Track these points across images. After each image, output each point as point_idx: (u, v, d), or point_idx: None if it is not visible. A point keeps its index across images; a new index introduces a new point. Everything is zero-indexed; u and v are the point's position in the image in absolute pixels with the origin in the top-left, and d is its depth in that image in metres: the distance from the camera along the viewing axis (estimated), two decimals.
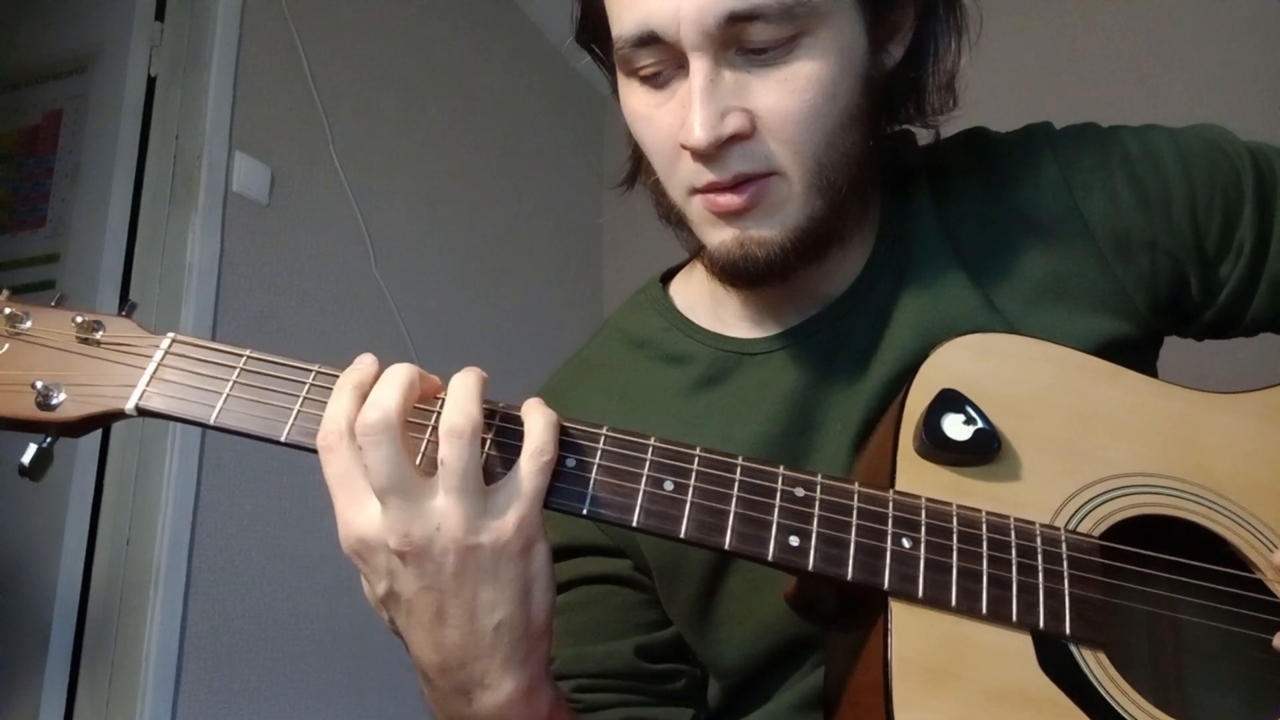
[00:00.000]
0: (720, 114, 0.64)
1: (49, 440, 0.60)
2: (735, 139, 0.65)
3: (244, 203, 2.02)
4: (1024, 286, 0.76)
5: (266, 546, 1.95)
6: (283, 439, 0.59)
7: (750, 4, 0.62)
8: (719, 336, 0.80)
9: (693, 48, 0.64)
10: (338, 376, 0.59)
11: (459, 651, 0.57)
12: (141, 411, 0.60)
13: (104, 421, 0.61)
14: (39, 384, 0.60)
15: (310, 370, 0.61)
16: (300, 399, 0.60)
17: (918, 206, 0.79)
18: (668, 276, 0.89)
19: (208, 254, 1.92)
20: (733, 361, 0.79)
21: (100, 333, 0.62)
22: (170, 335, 0.62)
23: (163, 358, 0.61)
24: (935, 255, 0.77)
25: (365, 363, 0.59)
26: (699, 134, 0.64)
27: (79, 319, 0.62)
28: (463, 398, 0.56)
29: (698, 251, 0.76)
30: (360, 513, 0.55)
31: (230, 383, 0.60)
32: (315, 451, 0.57)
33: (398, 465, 0.54)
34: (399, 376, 0.56)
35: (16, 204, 2.15)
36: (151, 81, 2.08)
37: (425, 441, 0.58)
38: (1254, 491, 0.64)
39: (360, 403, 0.56)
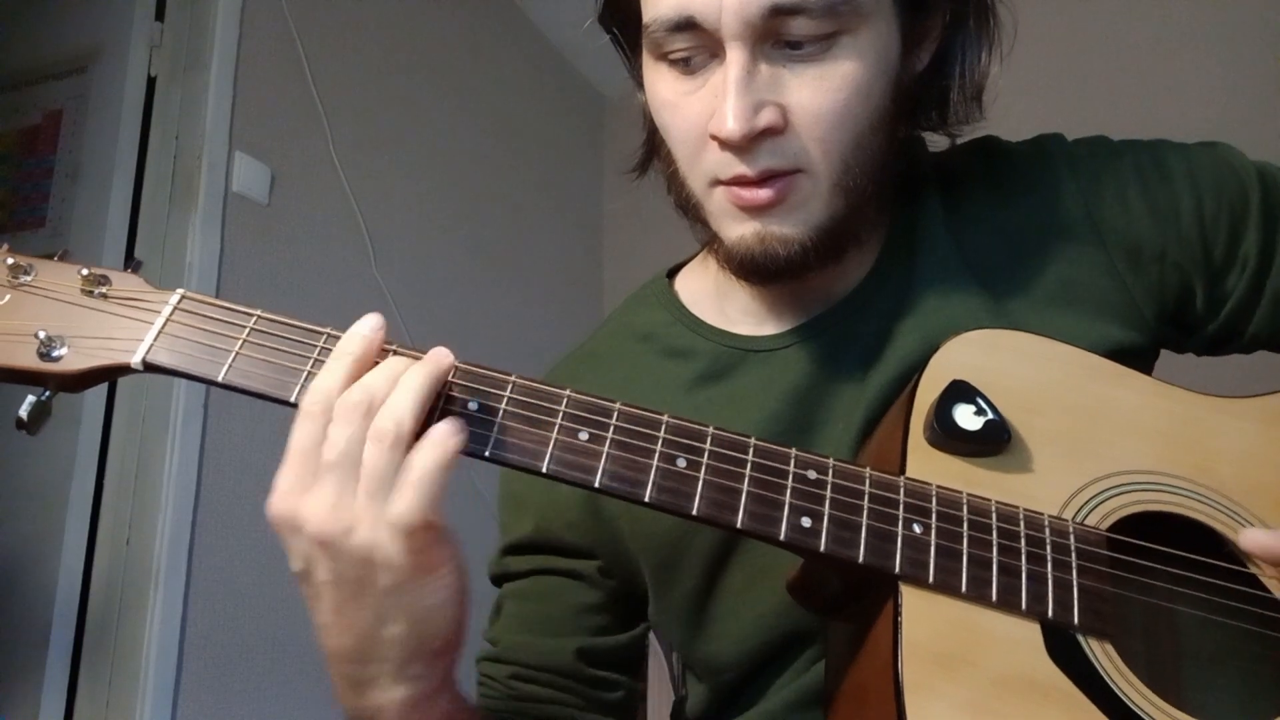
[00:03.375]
0: (754, 107, 0.64)
1: (48, 394, 0.59)
2: (767, 134, 0.65)
3: (244, 203, 2.02)
4: (1033, 293, 0.76)
5: (266, 546, 1.95)
6: (292, 399, 0.58)
7: None
8: (723, 332, 0.80)
9: (732, 37, 0.63)
10: None
11: (353, 650, 0.58)
12: (148, 366, 0.59)
13: (107, 376, 0.60)
14: (42, 334, 0.58)
15: (322, 333, 0.60)
16: (311, 360, 0.59)
17: (928, 211, 0.80)
18: (674, 272, 0.89)
19: (208, 254, 1.92)
20: (736, 358, 0.79)
21: (106, 287, 0.61)
22: (180, 291, 0.61)
23: (171, 313, 0.60)
24: (943, 260, 0.78)
25: (369, 328, 0.58)
26: (732, 125, 0.63)
27: (84, 272, 0.61)
28: (402, 400, 0.55)
29: (712, 244, 0.76)
30: (303, 490, 0.55)
31: (240, 341, 0.59)
32: None
33: (354, 448, 0.53)
34: (410, 381, 0.56)
35: (16, 204, 2.15)
36: (151, 81, 2.08)
37: None
38: (1255, 492, 0.65)
39: (356, 376, 0.56)
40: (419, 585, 0.56)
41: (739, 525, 0.57)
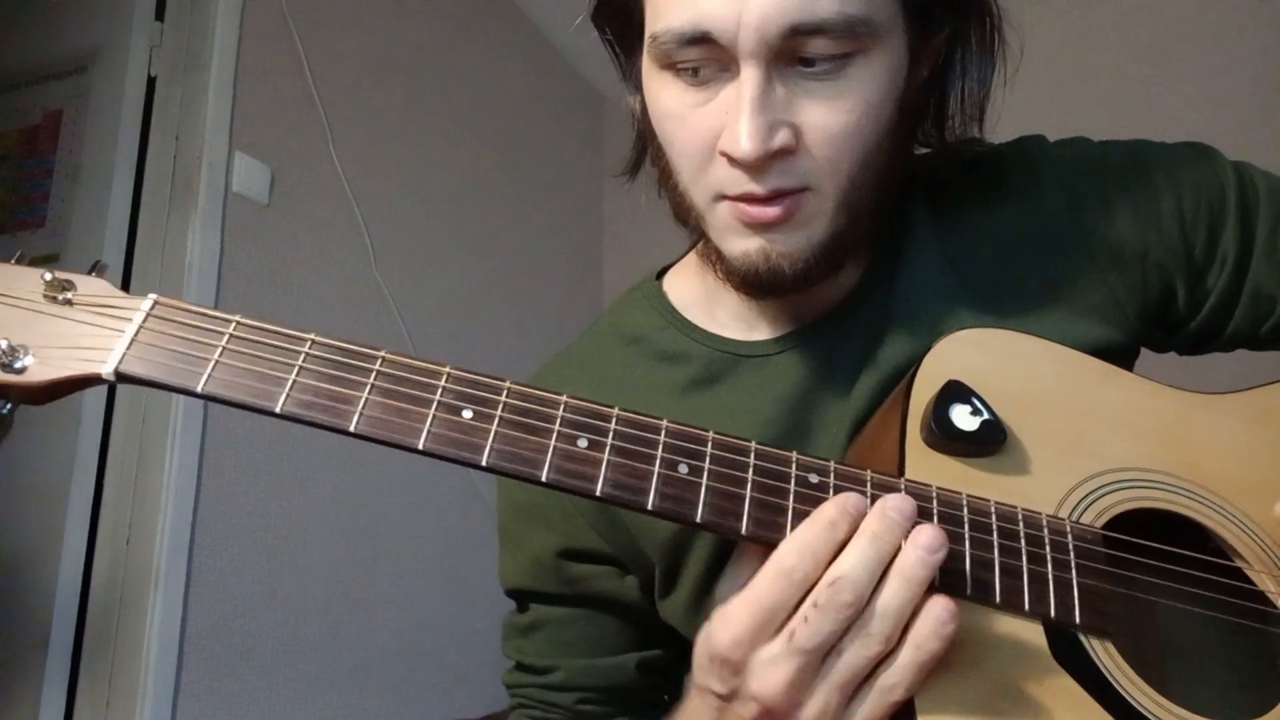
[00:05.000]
0: (770, 127, 0.62)
1: (9, 407, 0.55)
2: (779, 154, 0.64)
3: (244, 203, 2.02)
4: (1018, 295, 0.76)
5: (266, 546, 1.95)
6: (277, 409, 0.55)
7: (816, 18, 0.60)
8: (715, 337, 0.80)
9: (748, 55, 0.61)
10: (335, 346, 0.57)
11: None
12: (120, 377, 0.55)
13: (75, 387, 0.56)
14: (3, 344, 0.54)
15: (306, 339, 0.57)
16: (296, 368, 0.56)
17: (914, 217, 0.80)
18: (662, 273, 0.88)
19: (208, 254, 1.92)
20: (729, 363, 0.79)
21: (71, 292, 0.57)
22: (152, 296, 0.57)
23: (144, 320, 0.57)
24: (929, 266, 0.78)
25: (900, 513, 0.55)
26: (747, 146, 0.62)
27: (47, 276, 0.57)
28: (898, 605, 0.53)
29: (706, 251, 0.75)
30: (758, 644, 0.54)
31: (219, 349, 0.56)
32: (312, 425, 0.55)
33: (828, 644, 0.53)
34: (911, 579, 0.53)
35: (16, 204, 2.14)
36: (151, 81, 2.08)
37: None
38: (1241, 488, 0.66)
39: (841, 545, 0.54)
40: None
41: (744, 532, 0.56)
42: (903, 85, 0.69)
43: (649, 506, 0.56)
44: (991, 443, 0.62)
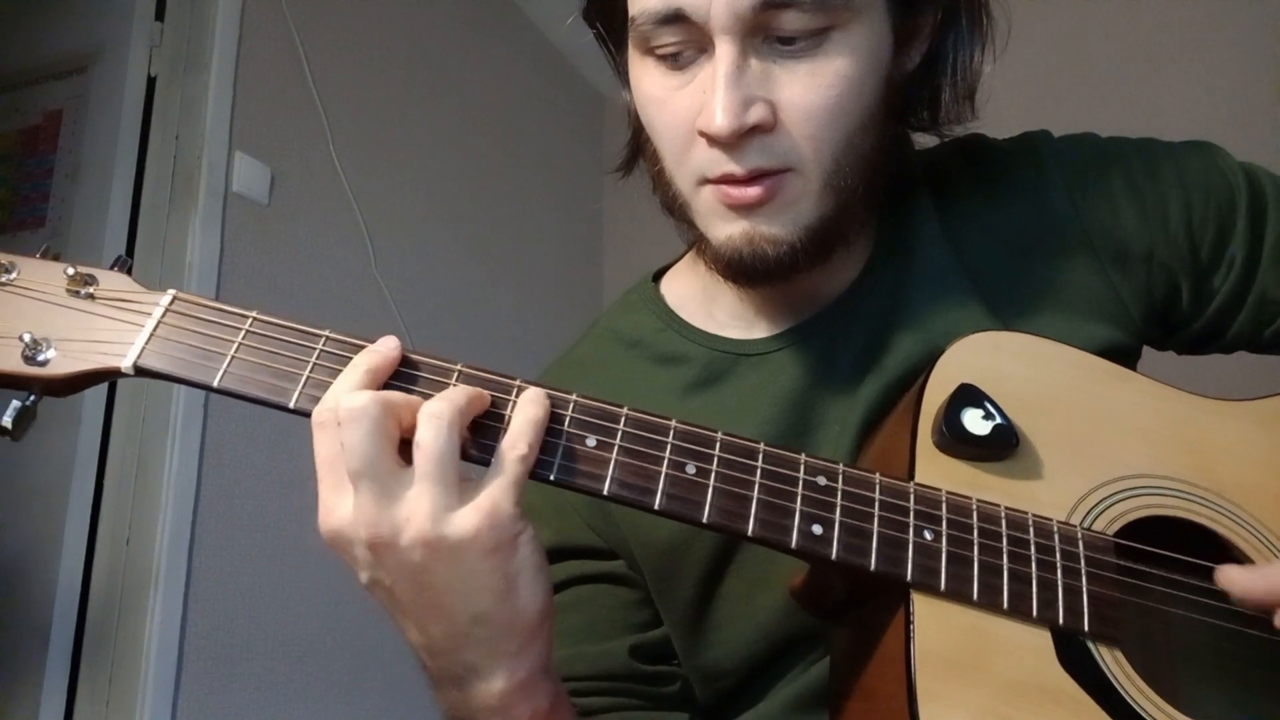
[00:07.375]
0: (744, 102, 0.62)
1: (33, 398, 0.56)
2: (756, 131, 0.63)
3: (244, 203, 2.02)
4: (1024, 294, 0.75)
5: (266, 546, 1.95)
6: (291, 405, 0.55)
7: None
8: (714, 337, 0.79)
9: (722, 30, 0.61)
10: (349, 343, 0.57)
11: (445, 641, 0.56)
12: (140, 371, 0.56)
13: (96, 380, 0.57)
14: (27, 336, 0.55)
15: (320, 335, 0.57)
16: (310, 364, 0.56)
17: (920, 212, 0.79)
18: (658, 275, 0.88)
19: (208, 254, 1.92)
20: (729, 362, 0.78)
21: (94, 286, 0.58)
22: (171, 292, 0.59)
23: (163, 315, 0.57)
24: (937, 260, 0.77)
25: (387, 346, 0.56)
26: (721, 121, 0.61)
27: (70, 271, 0.58)
28: (458, 391, 0.54)
29: (699, 244, 0.74)
30: (339, 501, 0.53)
31: (235, 344, 0.57)
32: None
33: (373, 448, 0.51)
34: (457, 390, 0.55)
35: (16, 204, 2.14)
36: (151, 81, 2.07)
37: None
38: (1256, 495, 0.65)
39: (368, 387, 0.54)
40: (498, 556, 0.53)
41: (750, 533, 0.56)
42: (887, 65, 0.68)
43: (655, 506, 0.56)
44: (1003, 447, 0.62)
